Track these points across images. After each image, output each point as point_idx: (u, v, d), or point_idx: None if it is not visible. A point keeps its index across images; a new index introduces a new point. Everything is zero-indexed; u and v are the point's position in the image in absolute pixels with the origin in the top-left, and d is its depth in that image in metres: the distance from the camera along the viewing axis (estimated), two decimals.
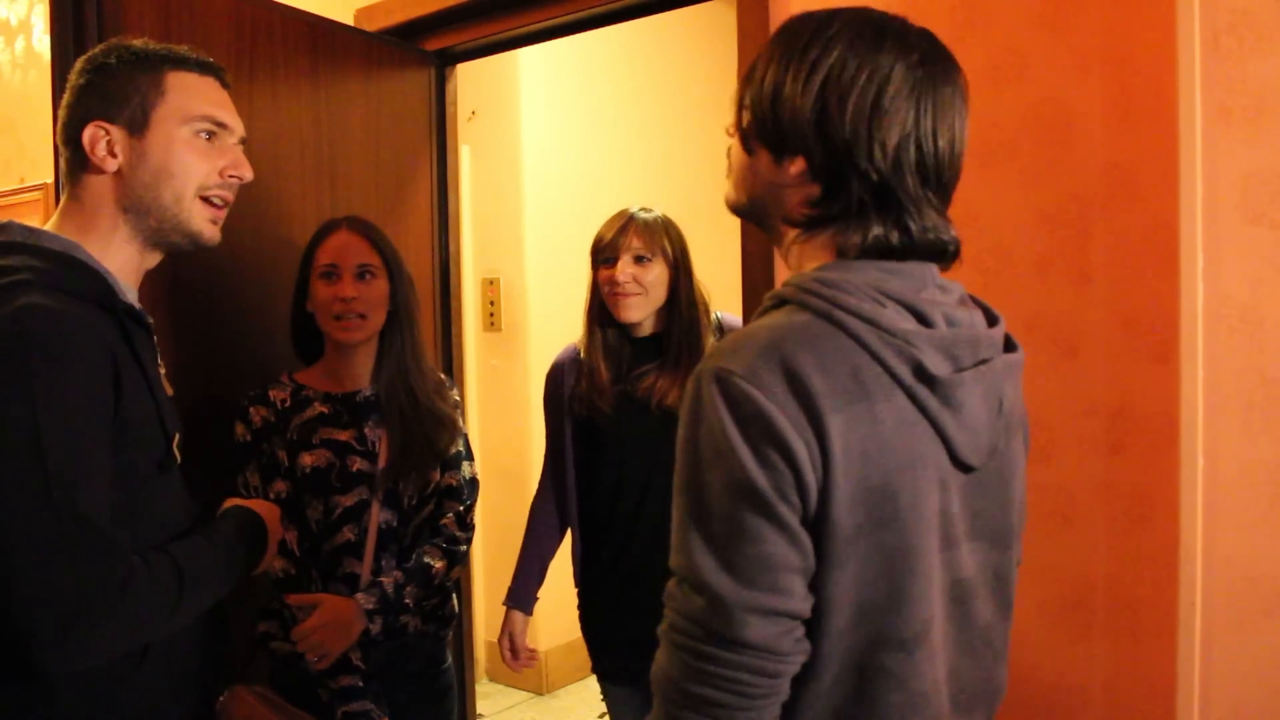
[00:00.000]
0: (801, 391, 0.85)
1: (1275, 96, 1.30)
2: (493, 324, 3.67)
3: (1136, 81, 1.47)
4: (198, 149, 1.21)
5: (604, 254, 1.95)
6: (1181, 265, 1.35)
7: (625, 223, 1.95)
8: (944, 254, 0.97)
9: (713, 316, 2.01)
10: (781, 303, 0.94)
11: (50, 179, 2.91)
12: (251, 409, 1.72)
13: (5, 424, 0.98)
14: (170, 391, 1.27)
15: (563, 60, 3.67)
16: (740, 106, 1.01)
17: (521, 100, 3.60)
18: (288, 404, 1.73)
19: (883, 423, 0.87)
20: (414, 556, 1.76)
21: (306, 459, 1.70)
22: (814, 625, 0.88)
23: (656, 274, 1.92)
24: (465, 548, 1.85)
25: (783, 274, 1.83)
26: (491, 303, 3.66)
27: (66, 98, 1.21)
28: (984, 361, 0.95)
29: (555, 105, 3.69)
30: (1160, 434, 1.46)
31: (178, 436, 1.20)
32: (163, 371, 1.26)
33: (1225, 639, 1.35)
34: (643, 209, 1.98)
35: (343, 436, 1.73)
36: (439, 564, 1.77)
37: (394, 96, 2.32)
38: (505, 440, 3.71)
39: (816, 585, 0.87)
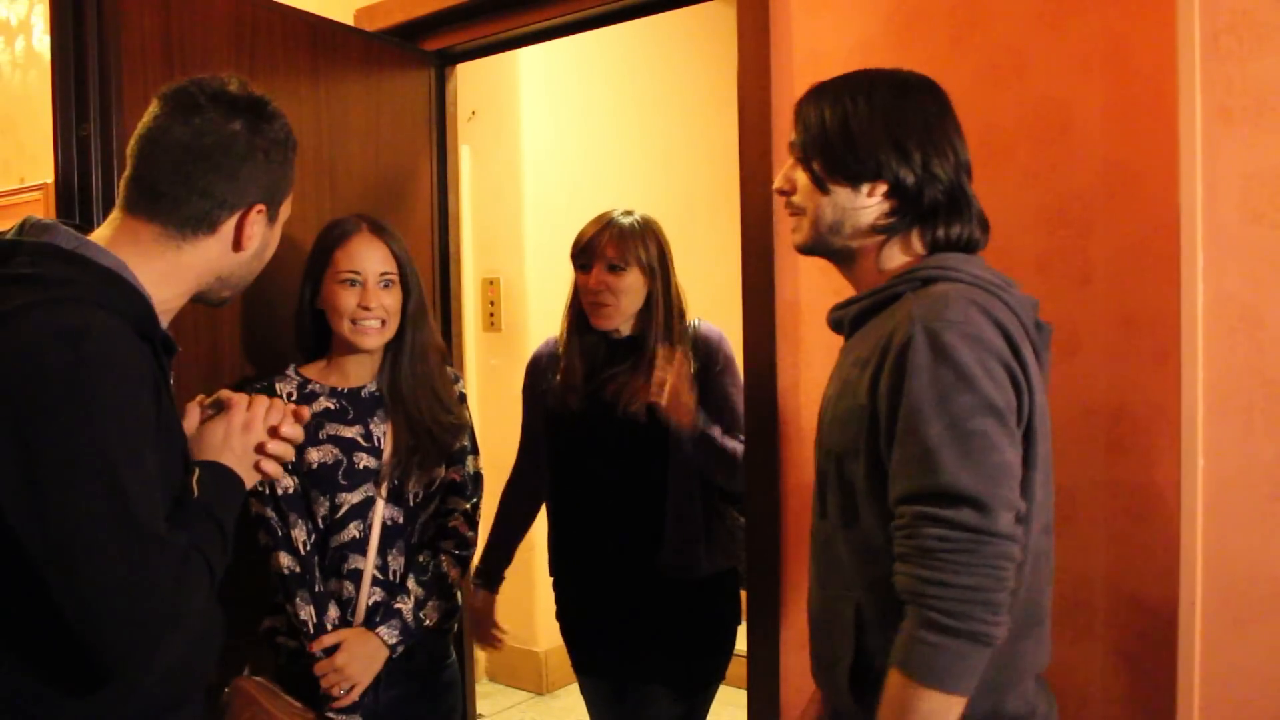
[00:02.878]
0: (1004, 331, 1.10)
1: (1275, 96, 1.30)
2: (493, 324, 3.67)
3: (1136, 81, 1.47)
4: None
5: (579, 259, 1.95)
6: (1181, 265, 1.35)
7: (601, 229, 1.94)
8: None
9: (690, 323, 2.01)
10: (929, 281, 1.16)
11: (50, 179, 2.91)
12: None
13: (73, 442, 0.97)
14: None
15: (563, 60, 3.67)
16: (804, 158, 1.23)
17: (521, 100, 3.60)
18: (294, 398, 1.74)
19: (1031, 357, 1.13)
20: (430, 565, 1.76)
21: (313, 455, 1.71)
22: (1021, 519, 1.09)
23: (629, 282, 1.92)
24: (473, 549, 1.86)
25: (784, 275, 1.84)
26: (491, 303, 3.66)
27: (210, 140, 1.15)
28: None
29: (555, 105, 3.69)
30: (1160, 434, 1.46)
31: (196, 471, 1.19)
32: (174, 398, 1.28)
33: (1225, 639, 1.35)
34: (624, 212, 1.97)
35: (349, 433, 1.74)
36: (454, 571, 1.78)
37: (394, 96, 2.32)
38: (505, 440, 3.69)
39: (1023, 485, 1.10)
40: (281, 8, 2.07)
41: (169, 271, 1.16)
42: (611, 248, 1.91)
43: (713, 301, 2.16)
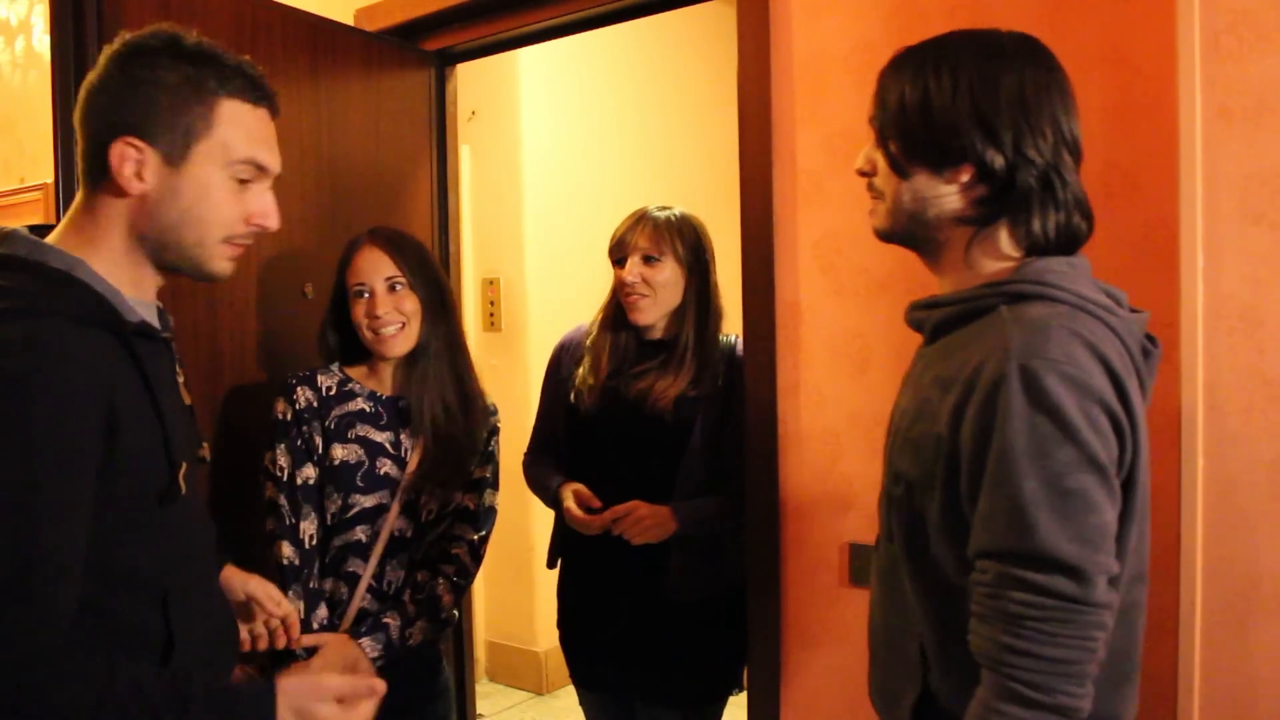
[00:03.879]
0: (1110, 370, 0.97)
1: (1275, 96, 1.30)
2: (493, 324, 3.67)
3: (1136, 81, 1.46)
4: (231, 194, 1.11)
5: (615, 253, 1.93)
6: (1181, 265, 1.35)
7: (636, 221, 1.92)
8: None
9: (725, 339, 1.96)
10: (1025, 297, 1.02)
11: (50, 179, 2.91)
12: (298, 388, 1.73)
13: None
14: (188, 400, 1.23)
15: (563, 60, 3.67)
16: (882, 138, 1.11)
17: (521, 100, 3.60)
18: (333, 392, 1.75)
19: (1137, 393, 1.01)
20: (427, 586, 1.75)
21: (339, 451, 1.72)
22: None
23: (666, 275, 1.89)
24: (471, 581, 1.84)
25: (784, 275, 1.84)
26: (491, 303, 3.66)
27: (95, 87, 1.09)
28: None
29: (555, 105, 3.69)
30: (1160, 434, 1.46)
31: (185, 466, 1.10)
32: (181, 380, 1.22)
33: (1225, 639, 1.35)
34: (661, 207, 1.96)
35: (378, 437, 1.74)
36: (448, 598, 1.76)
37: (394, 96, 2.32)
38: (504, 440, 3.69)
39: (1118, 539, 0.99)
40: (282, 8, 2.07)
41: (109, 247, 1.09)
42: (645, 238, 1.89)
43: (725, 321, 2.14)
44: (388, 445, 1.74)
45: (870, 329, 1.71)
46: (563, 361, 2.05)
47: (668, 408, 1.86)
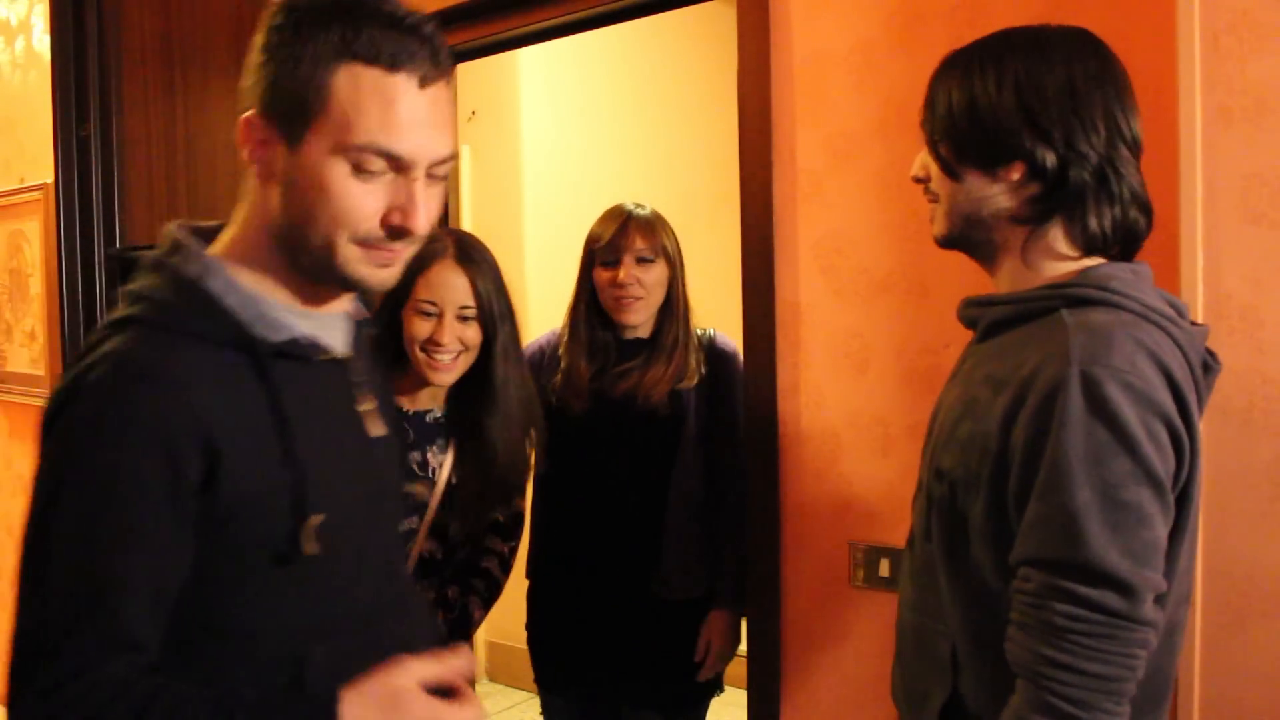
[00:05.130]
0: (1171, 381, 0.95)
1: (1275, 96, 1.30)
2: None
3: (1136, 81, 1.46)
4: (355, 185, 0.89)
5: (604, 255, 1.90)
6: (1181, 265, 1.34)
7: (624, 221, 1.90)
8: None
9: (701, 332, 1.98)
10: (1087, 302, 1.00)
11: (50, 179, 2.91)
12: None
13: (34, 499, 0.86)
14: (379, 431, 1.04)
15: (563, 60, 3.67)
16: (932, 142, 1.10)
17: (521, 100, 3.60)
18: None
19: (1195, 407, 0.98)
20: (457, 605, 1.72)
21: None
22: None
23: (658, 275, 1.90)
24: (500, 592, 1.80)
25: (784, 275, 1.84)
26: None
27: (256, 45, 0.91)
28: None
29: (555, 105, 3.69)
30: None
31: (316, 519, 0.91)
32: (368, 407, 1.03)
33: (1225, 639, 1.35)
34: (636, 205, 1.95)
35: (407, 458, 1.66)
36: (479, 613, 1.73)
37: None
38: None
39: (1167, 556, 0.96)
40: None
41: (252, 236, 0.94)
42: (641, 239, 1.88)
43: (713, 301, 2.15)
44: (415, 466, 1.67)
45: (870, 329, 1.71)
46: (539, 370, 1.99)
47: (662, 401, 1.87)
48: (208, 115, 2.42)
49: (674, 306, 1.93)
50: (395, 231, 0.91)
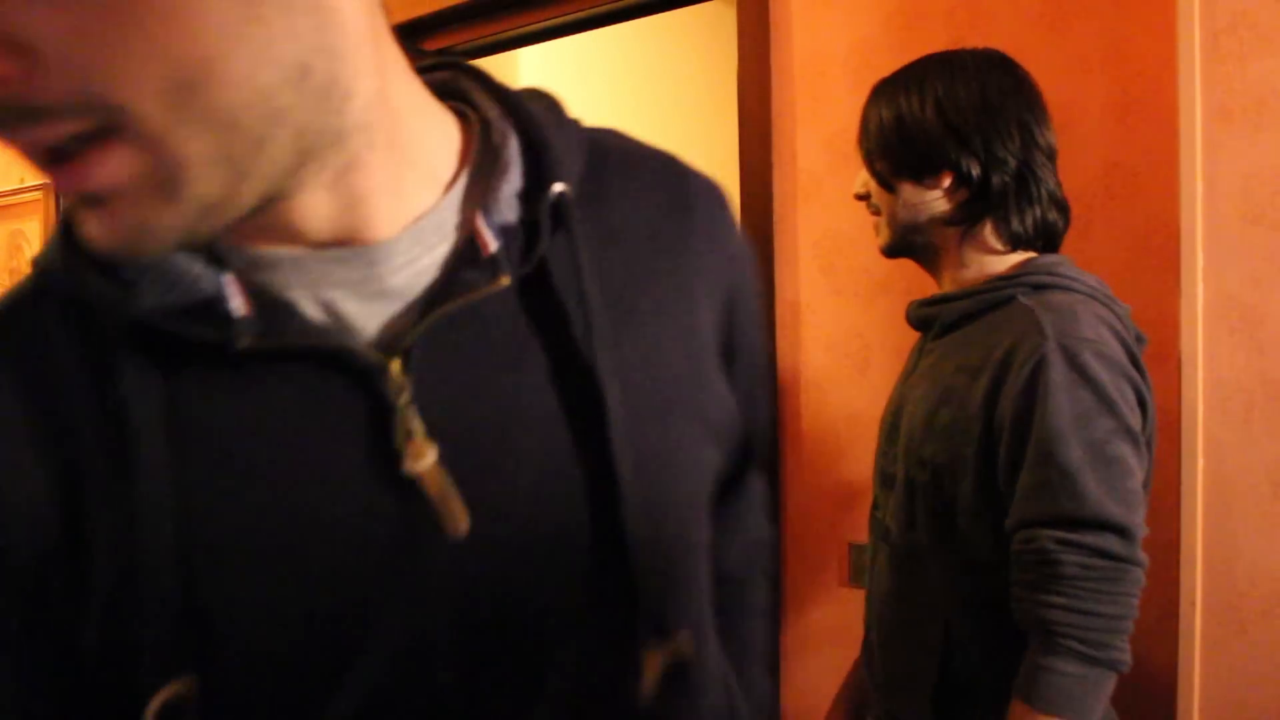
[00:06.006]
0: (1127, 348, 1.06)
1: (1275, 96, 1.30)
2: None
3: (1136, 81, 1.47)
4: None
5: None
6: (1181, 265, 1.35)
7: None
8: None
9: None
10: (1041, 288, 1.11)
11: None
12: None
13: None
14: (419, 467, 0.51)
15: (563, 60, 3.67)
16: (869, 160, 1.21)
17: None
18: None
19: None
20: None
21: None
22: None
23: None
24: None
25: (784, 276, 1.83)
26: None
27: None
28: None
29: None
30: (1160, 434, 1.46)
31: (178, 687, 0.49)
32: (415, 434, 0.51)
33: (1225, 639, 1.35)
34: None
35: None
36: None
37: None
38: None
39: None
40: None
41: None
42: None
43: None
44: None
45: (870, 329, 1.71)
46: None
47: None
48: None
49: None
50: None
